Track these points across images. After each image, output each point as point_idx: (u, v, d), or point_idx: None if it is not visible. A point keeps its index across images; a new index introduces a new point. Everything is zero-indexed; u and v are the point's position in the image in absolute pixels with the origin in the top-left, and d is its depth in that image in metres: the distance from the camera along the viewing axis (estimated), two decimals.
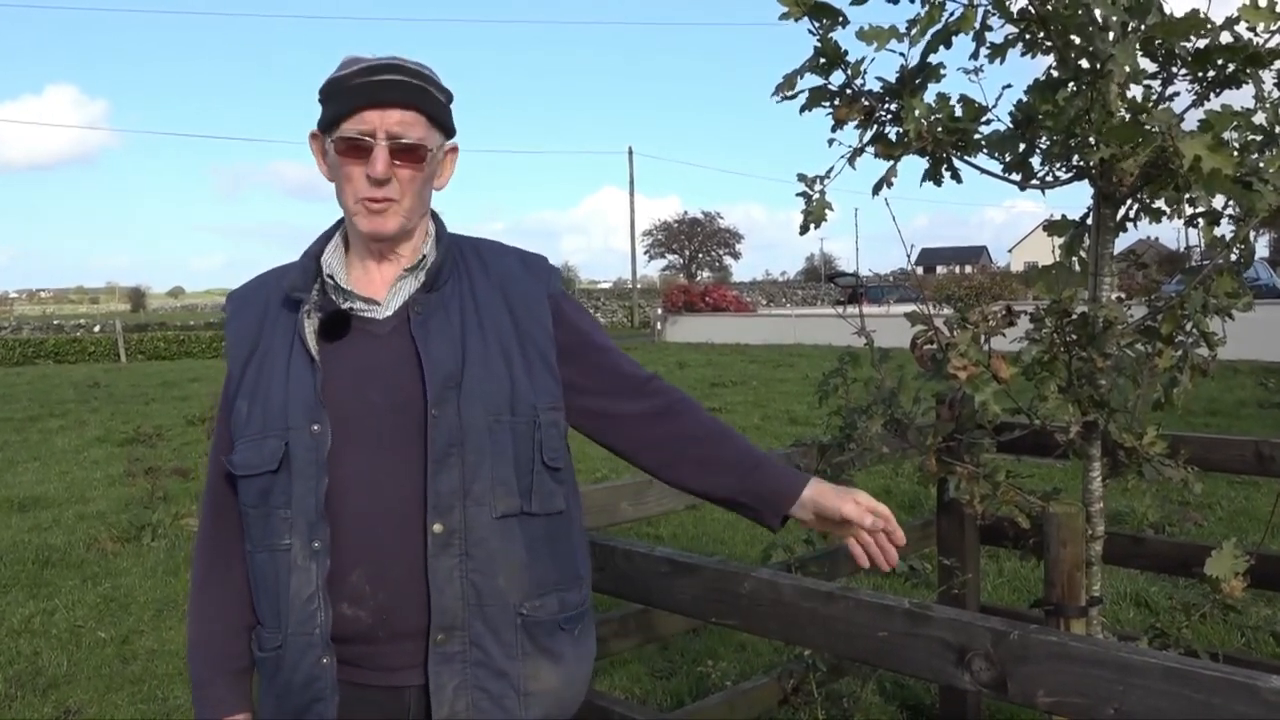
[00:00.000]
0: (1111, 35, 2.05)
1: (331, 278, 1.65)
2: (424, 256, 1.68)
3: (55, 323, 43.86)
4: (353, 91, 1.57)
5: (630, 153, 46.06)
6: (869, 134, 2.35)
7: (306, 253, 1.71)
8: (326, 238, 1.73)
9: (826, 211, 2.35)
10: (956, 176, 2.38)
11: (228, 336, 1.71)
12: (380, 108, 1.57)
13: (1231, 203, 2.10)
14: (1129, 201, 2.29)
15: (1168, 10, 2.10)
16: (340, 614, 1.57)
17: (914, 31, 2.18)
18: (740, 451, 1.73)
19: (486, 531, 1.58)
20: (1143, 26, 2.06)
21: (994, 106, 2.30)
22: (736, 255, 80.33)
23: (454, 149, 1.72)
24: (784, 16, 2.22)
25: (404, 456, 1.57)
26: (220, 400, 1.71)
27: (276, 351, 1.64)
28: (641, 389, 1.77)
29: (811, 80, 2.30)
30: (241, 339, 1.68)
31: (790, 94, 2.29)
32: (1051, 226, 2.45)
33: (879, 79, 2.31)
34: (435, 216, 1.74)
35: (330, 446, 1.56)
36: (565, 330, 1.73)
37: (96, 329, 37.15)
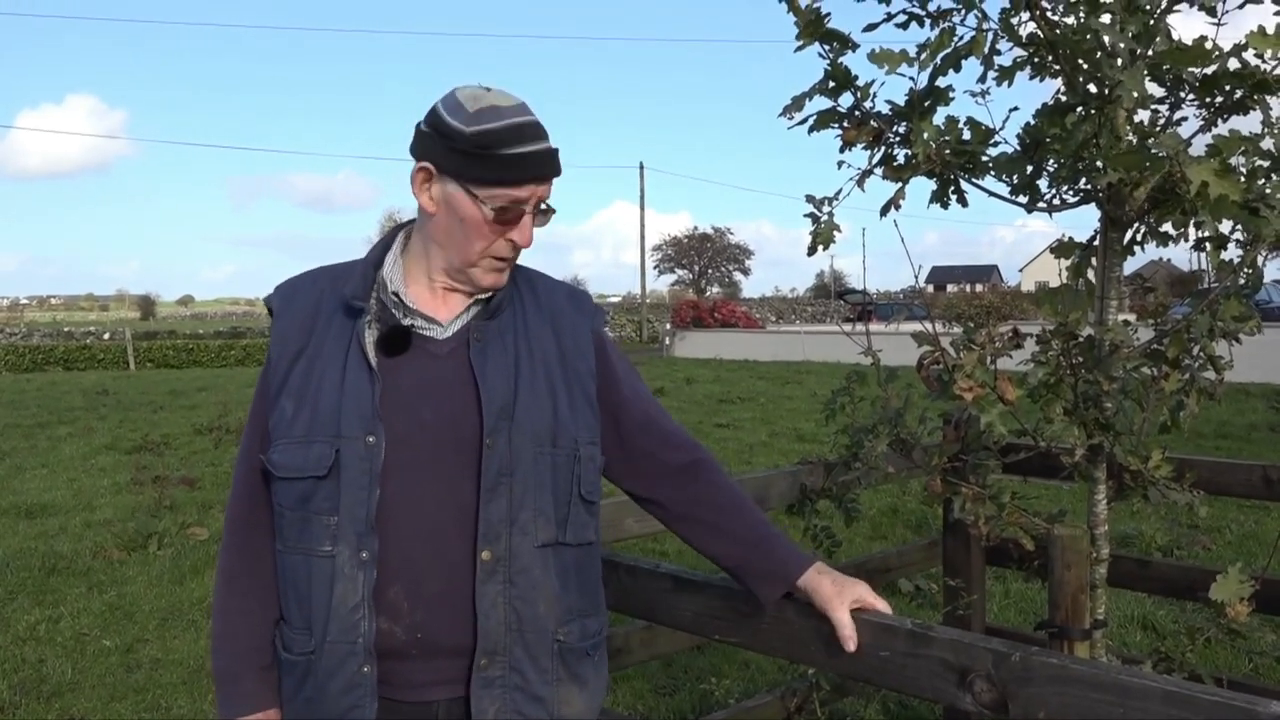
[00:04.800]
0: (1119, 61, 2.06)
1: (396, 294, 1.65)
2: None
3: (65, 329, 44.06)
4: (526, 163, 1.58)
5: (641, 168, 46.17)
6: (877, 156, 2.37)
7: (366, 260, 1.71)
8: (384, 246, 1.73)
9: (835, 233, 2.36)
10: (963, 199, 2.39)
11: (275, 330, 1.69)
12: (544, 182, 1.61)
13: (1239, 227, 2.10)
14: (1136, 225, 2.30)
15: (1176, 36, 2.11)
16: (377, 628, 1.58)
17: (924, 55, 2.20)
18: (749, 525, 1.75)
19: (529, 560, 1.62)
20: (1150, 53, 2.07)
21: (1001, 129, 2.32)
22: (746, 271, 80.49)
23: None
24: (799, 49, 2.25)
25: (452, 479, 1.60)
26: (258, 392, 1.70)
27: (329, 355, 1.63)
28: (667, 442, 1.80)
29: (821, 102, 2.33)
30: (290, 335, 1.67)
31: (800, 117, 2.31)
32: (1059, 249, 2.46)
33: (888, 102, 2.33)
34: None
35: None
36: (603, 371, 1.76)
37: (106, 336, 37.30)
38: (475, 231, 1.60)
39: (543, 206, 1.64)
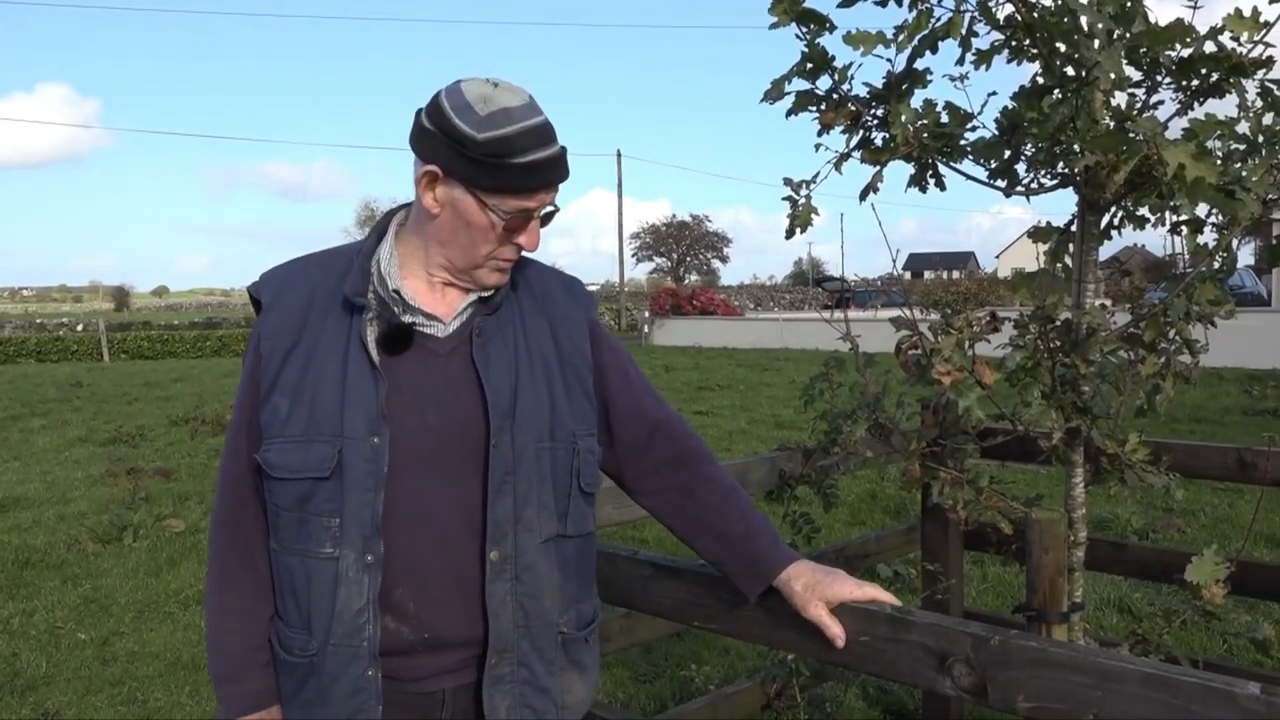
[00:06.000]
0: (1097, 43, 2.05)
1: (397, 292, 1.61)
2: None
3: (38, 321, 43.59)
4: (539, 172, 1.54)
5: (619, 155, 46.05)
6: (855, 139, 2.36)
7: (360, 251, 1.65)
8: (378, 236, 1.68)
9: (812, 216, 2.35)
10: (941, 183, 2.39)
11: (265, 323, 1.62)
12: (555, 189, 1.59)
13: (1215, 211, 2.11)
14: (1113, 209, 2.30)
15: (1153, 19, 2.11)
16: (382, 627, 1.57)
17: (901, 37, 2.19)
18: (733, 520, 1.72)
19: (535, 556, 1.61)
20: (1128, 35, 2.07)
21: (980, 113, 2.31)
22: (725, 259, 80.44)
23: None
24: (774, 26, 2.23)
25: (457, 479, 1.58)
26: (245, 387, 1.63)
27: (326, 352, 1.58)
28: (657, 430, 1.77)
29: (799, 85, 2.31)
30: (281, 330, 1.61)
31: (777, 98, 2.30)
32: (1036, 233, 2.46)
33: (865, 84, 2.32)
34: None
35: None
36: (596, 360, 1.74)
37: (79, 328, 36.93)
38: (482, 237, 1.57)
39: (547, 209, 1.61)
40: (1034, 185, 2.34)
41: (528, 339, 1.66)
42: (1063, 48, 2.15)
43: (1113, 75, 1.98)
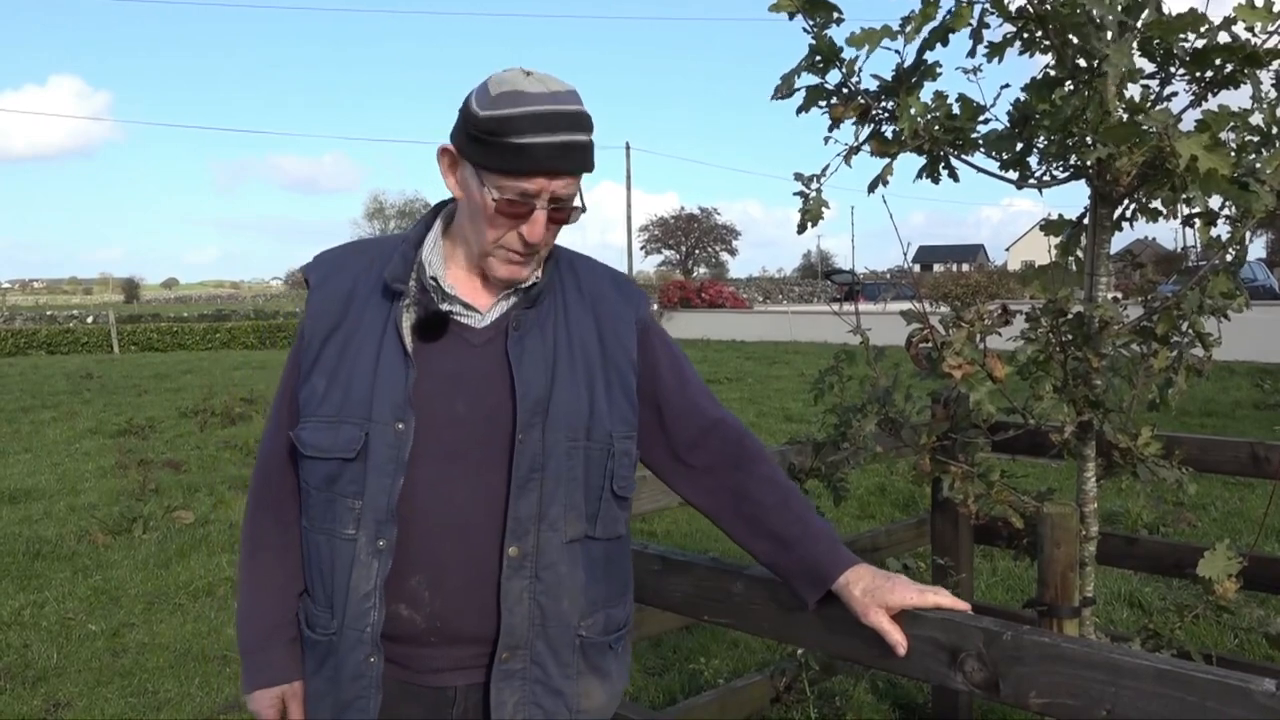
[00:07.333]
0: (1109, 34, 2.04)
1: (435, 279, 1.61)
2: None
3: (48, 313, 43.78)
4: (532, 154, 1.49)
5: (627, 148, 46.04)
6: (865, 132, 2.35)
7: (406, 239, 1.66)
8: (425, 225, 1.68)
9: (823, 209, 2.34)
10: (954, 175, 2.38)
11: (310, 304, 1.65)
12: (556, 176, 1.52)
13: (1228, 203, 2.09)
14: (1125, 201, 2.29)
15: (1166, 9, 2.10)
16: (395, 614, 1.58)
17: (909, 29, 2.17)
18: (791, 521, 1.67)
19: (556, 556, 1.59)
20: (1139, 25, 2.05)
21: (992, 105, 2.30)
22: (733, 251, 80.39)
23: None
24: (774, 8, 2.20)
25: (483, 472, 1.57)
26: (288, 367, 1.67)
27: (364, 336, 1.60)
28: (710, 431, 1.73)
29: (808, 79, 2.30)
30: (325, 311, 1.63)
31: (788, 95, 2.28)
32: (1048, 226, 2.44)
33: (875, 77, 2.30)
34: None
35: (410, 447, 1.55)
36: (646, 360, 1.71)
37: (89, 320, 37.05)
38: (486, 219, 1.55)
39: (574, 203, 1.57)
40: (1046, 178, 2.32)
41: (570, 335, 1.63)
42: (1075, 39, 2.13)
43: (1124, 67, 1.97)
